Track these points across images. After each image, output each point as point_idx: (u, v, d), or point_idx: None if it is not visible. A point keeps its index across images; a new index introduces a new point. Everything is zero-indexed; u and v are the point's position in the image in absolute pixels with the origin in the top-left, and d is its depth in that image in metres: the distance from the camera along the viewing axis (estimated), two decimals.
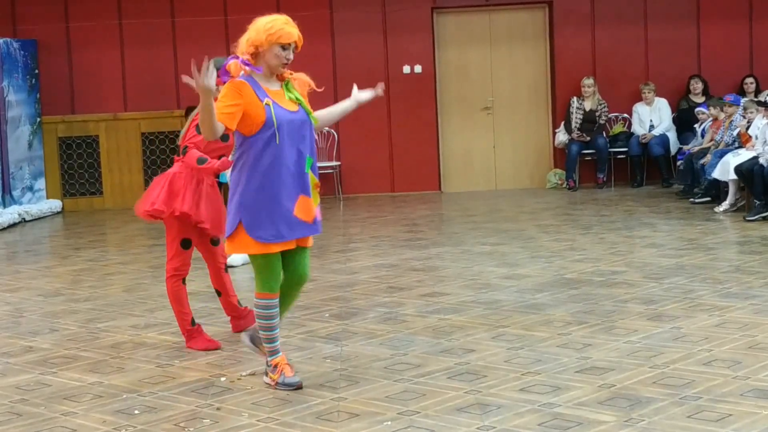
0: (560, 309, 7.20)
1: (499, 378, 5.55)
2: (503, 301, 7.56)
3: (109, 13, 15.44)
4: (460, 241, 10.70)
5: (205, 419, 5.08)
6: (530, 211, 13.00)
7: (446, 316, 7.15)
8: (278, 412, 5.14)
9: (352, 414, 5.06)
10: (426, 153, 15.64)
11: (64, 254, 10.62)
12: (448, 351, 6.19)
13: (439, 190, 15.69)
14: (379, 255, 9.95)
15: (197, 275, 9.27)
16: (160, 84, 15.26)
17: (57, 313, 7.86)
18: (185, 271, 6.58)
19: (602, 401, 5.06)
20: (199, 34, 15.27)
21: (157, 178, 6.60)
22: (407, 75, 15.57)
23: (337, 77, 15.52)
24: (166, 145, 15.06)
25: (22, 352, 6.69)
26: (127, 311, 7.64)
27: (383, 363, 5.98)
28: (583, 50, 15.60)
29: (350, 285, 8.48)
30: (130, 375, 6.00)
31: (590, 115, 15.16)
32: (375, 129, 15.57)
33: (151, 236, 11.82)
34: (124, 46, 15.25)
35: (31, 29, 15.19)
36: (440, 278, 8.60)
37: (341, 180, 15.54)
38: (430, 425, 4.83)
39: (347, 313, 7.39)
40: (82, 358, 6.44)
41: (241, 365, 6.09)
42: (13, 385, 5.88)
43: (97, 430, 4.99)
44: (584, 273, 8.52)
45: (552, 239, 10.45)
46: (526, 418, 4.86)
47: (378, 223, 12.47)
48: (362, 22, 15.49)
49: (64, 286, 8.85)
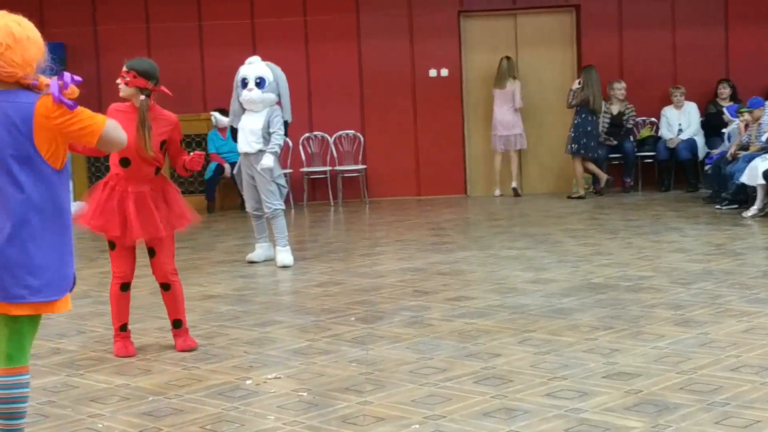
0: (587, 314, 7.17)
1: (525, 383, 5.53)
2: (529, 305, 7.54)
3: (137, 17, 15.53)
4: (487, 245, 10.68)
5: (230, 422, 5.09)
6: (556, 215, 12.96)
7: (472, 320, 7.13)
8: (304, 415, 5.14)
9: (377, 418, 5.05)
10: (452, 157, 15.64)
11: (91, 256, 10.66)
12: (474, 355, 6.17)
13: (465, 193, 15.67)
14: (404, 258, 9.94)
15: (223, 278, 9.31)
16: (186, 87, 15.32)
17: (84, 315, 7.89)
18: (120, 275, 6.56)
19: (629, 407, 5.03)
20: (225, 37, 15.34)
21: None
22: (433, 78, 15.57)
23: (363, 81, 15.54)
24: (192, 148, 15.09)
25: (50, 354, 6.71)
26: (154, 314, 7.66)
27: (409, 367, 5.97)
28: (611, 54, 15.56)
29: (376, 288, 8.48)
30: (156, 377, 6.01)
31: (617, 119, 15.11)
32: (401, 132, 15.58)
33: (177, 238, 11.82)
34: (152, 50, 15.31)
35: (59, 33, 15.27)
36: (466, 282, 8.58)
37: (367, 183, 15.55)
38: (455, 430, 4.81)
39: (373, 317, 7.38)
40: (109, 360, 6.46)
41: (267, 368, 6.10)
42: (41, 386, 5.90)
43: None
44: (611, 278, 8.49)
45: (578, 244, 10.42)
46: (552, 423, 4.84)
47: (404, 227, 12.46)
48: (389, 25, 15.50)
49: (92, 288, 8.89)
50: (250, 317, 7.57)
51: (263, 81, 9.57)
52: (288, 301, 8.20)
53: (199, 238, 12.07)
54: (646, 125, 15.58)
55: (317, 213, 14.52)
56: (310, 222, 13.72)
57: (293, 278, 9.19)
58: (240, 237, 11.88)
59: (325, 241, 11.67)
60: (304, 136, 15.44)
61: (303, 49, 15.60)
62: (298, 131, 15.14)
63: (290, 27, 15.55)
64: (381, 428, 4.89)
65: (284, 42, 15.44)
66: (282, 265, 9.67)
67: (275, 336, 6.94)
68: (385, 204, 15.04)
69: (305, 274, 9.37)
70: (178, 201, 6.67)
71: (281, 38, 15.46)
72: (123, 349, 6.54)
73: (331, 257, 10.29)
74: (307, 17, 15.59)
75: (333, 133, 15.57)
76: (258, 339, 6.86)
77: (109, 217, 6.42)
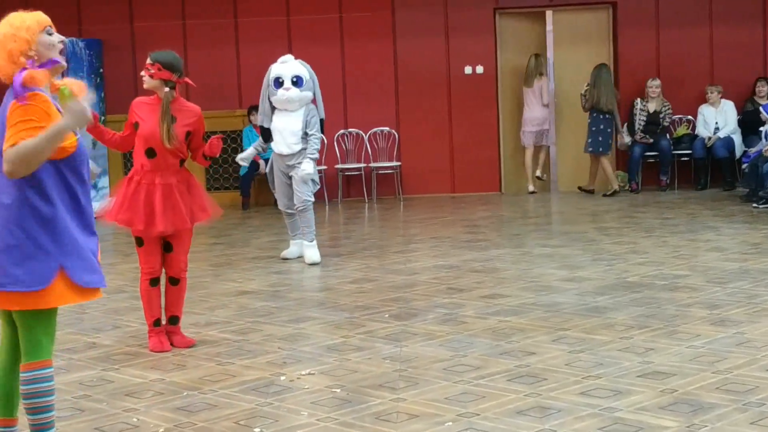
0: (622, 312, 7.14)
1: (560, 381, 5.51)
2: (564, 303, 7.51)
3: (173, 14, 15.59)
4: (521, 242, 10.66)
5: (264, 418, 5.10)
6: (591, 213, 12.91)
7: (506, 318, 7.11)
8: (337, 411, 5.15)
9: (411, 415, 5.05)
10: (487, 153, 15.60)
11: (127, 252, 10.71)
12: (508, 353, 6.16)
13: (499, 191, 15.63)
14: (438, 256, 9.94)
15: (257, 274, 9.33)
16: (222, 84, 15.37)
17: (119, 310, 7.94)
18: (149, 271, 6.61)
19: (664, 406, 5.00)
20: (261, 34, 15.38)
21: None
22: (469, 76, 15.54)
23: (399, 77, 15.53)
24: (227, 144, 15.15)
25: (85, 348, 6.76)
26: (188, 309, 7.68)
27: (443, 364, 5.97)
28: (648, 51, 15.48)
29: (410, 286, 8.47)
30: (190, 372, 6.04)
31: (654, 117, 15.02)
32: (436, 129, 15.56)
33: (212, 234, 11.91)
34: (187, 47, 15.37)
35: (96, 29, 15.38)
36: (500, 280, 8.56)
37: (401, 180, 15.54)
38: (489, 428, 4.80)
39: (407, 314, 7.38)
40: (143, 355, 6.50)
41: (301, 364, 6.11)
42: (76, 380, 5.94)
43: (158, 426, 5.03)
44: (646, 276, 8.44)
45: (613, 242, 10.37)
46: (586, 422, 4.82)
47: (438, 224, 12.45)
48: (424, 22, 15.48)
49: (127, 284, 8.93)
50: (284, 313, 7.59)
51: (300, 79, 9.55)
52: (322, 298, 8.21)
53: (233, 235, 12.11)
54: (682, 123, 15.48)
55: (352, 210, 14.53)
56: (344, 218, 13.74)
57: (327, 275, 9.20)
58: (274, 233, 11.91)
59: (360, 237, 11.68)
60: (339, 133, 15.46)
61: (338, 47, 15.61)
62: (333, 128, 15.16)
63: (326, 24, 15.56)
64: (414, 425, 4.89)
65: (320, 39, 15.46)
66: (311, 263, 9.66)
67: (309, 332, 6.95)
68: (420, 201, 15.03)
69: (339, 270, 9.38)
70: (201, 194, 6.75)
71: (317, 35, 15.48)
72: (158, 345, 6.58)
73: (365, 254, 10.29)
74: (342, 14, 15.60)
75: (368, 130, 15.58)
76: (292, 335, 6.88)
77: (135, 211, 6.47)
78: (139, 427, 5.04)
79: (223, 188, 15.35)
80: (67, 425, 5.10)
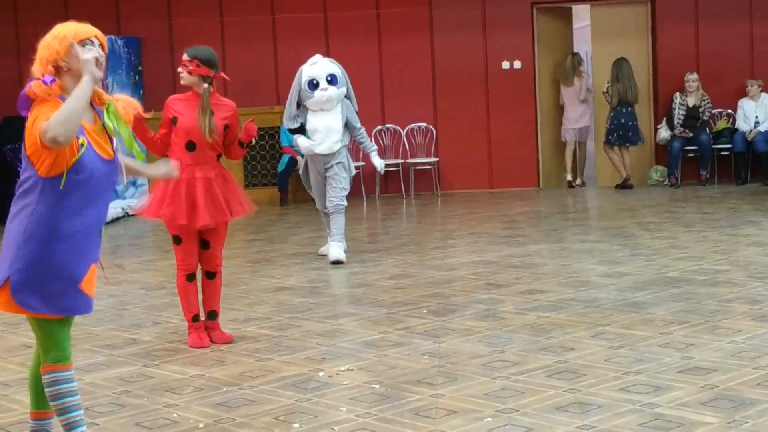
0: (661, 308, 7.09)
1: (599, 377, 5.49)
2: (603, 299, 7.48)
3: (211, 11, 15.65)
4: (559, 237, 10.62)
5: (303, 413, 5.11)
6: (630, 208, 12.84)
7: (545, 313, 7.09)
8: (376, 407, 5.15)
9: (450, 411, 5.04)
10: (524, 148, 15.56)
11: (166, 248, 10.76)
12: (547, 349, 6.14)
13: (537, 186, 15.58)
14: (477, 251, 9.92)
15: (295, 270, 9.35)
16: (259, 80, 15.42)
17: (159, 306, 7.98)
18: (186, 267, 6.65)
19: (705, 402, 4.97)
20: (298, 31, 15.40)
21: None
22: (506, 71, 15.49)
23: (436, 73, 15.51)
24: (265, 141, 15.19)
25: (126, 344, 6.80)
26: (227, 305, 7.71)
27: (481, 360, 5.96)
28: (687, 45, 15.37)
29: (448, 281, 8.46)
30: (230, 368, 6.06)
31: (693, 111, 14.92)
32: (473, 125, 15.53)
33: (250, 231, 11.95)
34: (225, 43, 15.43)
35: (135, 27, 15.46)
36: (539, 275, 8.54)
37: (439, 176, 15.52)
38: (528, 423, 4.79)
39: (445, 310, 7.38)
40: (183, 351, 6.53)
41: (340, 360, 6.12)
42: (117, 376, 5.98)
43: (198, 422, 5.05)
44: (686, 271, 8.39)
45: (653, 237, 10.31)
46: (626, 418, 4.79)
47: (476, 220, 12.43)
48: (461, 18, 15.45)
49: (166, 280, 8.98)
50: (323, 309, 7.60)
51: (335, 77, 9.52)
52: (360, 294, 8.22)
53: (271, 231, 12.15)
54: (722, 117, 15.36)
55: (389, 206, 14.53)
56: (382, 215, 13.74)
57: (365, 271, 9.21)
58: (312, 230, 11.93)
59: (398, 233, 11.68)
60: (376, 129, 15.46)
61: (376, 43, 15.61)
62: (371, 124, 15.16)
63: (363, 20, 15.57)
64: (453, 421, 4.89)
65: (357, 35, 15.47)
66: (334, 260, 9.51)
67: (347, 328, 6.96)
68: (458, 196, 15.01)
69: (377, 266, 9.38)
70: (237, 188, 6.81)
71: (354, 31, 15.49)
72: (197, 341, 6.61)
73: (403, 250, 10.29)
74: (379, 10, 15.60)
75: (405, 126, 15.57)
76: (330, 331, 6.89)
77: (178, 206, 6.50)
78: (179, 422, 5.07)
79: (261, 185, 15.39)
80: (107, 421, 5.14)
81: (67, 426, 4.27)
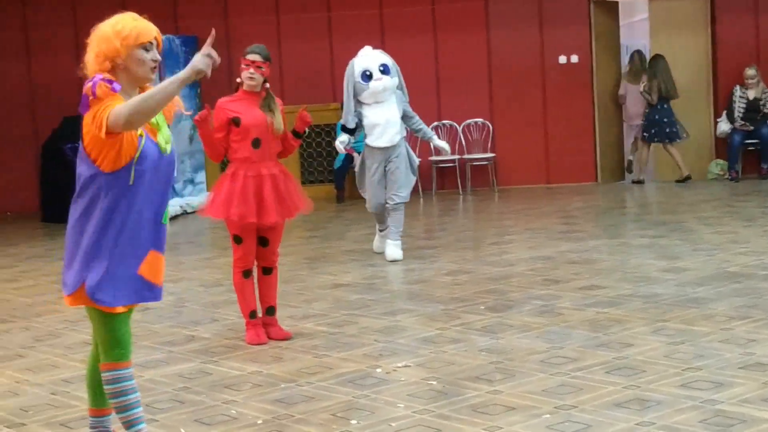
0: (722, 303, 7.01)
1: (659, 373, 5.43)
2: (663, 294, 7.41)
3: (267, 9, 15.72)
4: (618, 233, 10.54)
5: (361, 410, 5.12)
6: (690, 202, 12.71)
7: (604, 309, 7.04)
8: (434, 404, 5.14)
9: (508, 407, 5.02)
10: (582, 143, 15.45)
11: (224, 245, 10.83)
12: (606, 345, 6.09)
13: (596, 181, 15.47)
14: (534, 247, 9.87)
15: (352, 267, 9.37)
16: (315, 77, 15.46)
17: (218, 304, 8.03)
18: (243, 264, 6.68)
19: (767, 398, 4.91)
20: (354, 27, 15.41)
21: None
22: (563, 65, 15.40)
23: (492, 68, 15.46)
24: (322, 138, 15.23)
25: (185, 341, 6.85)
26: (285, 302, 7.74)
27: (539, 356, 5.93)
28: (747, 38, 15.17)
29: (505, 277, 8.43)
30: (287, 365, 6.08)
31: (754, 104, 14.74)
32: (530, 120, 15.45)
33: (307, 228, 11.99)
34: (281, 41, 15.49)
35: (192, 25, 15.56)
36: (597, 271, 8.47)
37: (496, 172, 15.47)
38: (587, 420, 4.76)
39: (503, 306, 7.35)
40: (241, 348, 6.57)
41: (397, 356, 6.12)
42: (176, 373, 6.03)
43: (256, 418, 5.08)
44: (747, 266, 8.28)
45: (713, 231, 10.19)
46: (686, 414, 4.75)
47: (533, 215, 12.37)
48: (518, 12, 15.38)
49: (225, 277, 9.02)
50: (380, 306, 7.61)
51: (387, 67, 9.49)
52: (417, 290, 8.21)
53: (328, 228, 12.18)
54: None
55: (446, 202, 14.51)
56: (438, 211, 13.72)
57: (422, 267, 9.19)
58: (369, 227, 11.93)
59: (454, 229, 11.66)
60: (432, 125, 15.42)
61: (431, 38, 15.58)
62: (427, 120, 15.06)
63: (418, 16, 15.55)
64: (511, 417, 4.86)
65: (412, 31, 15.46)
66: (392, 260, 9.52)
67: (405, 324, 6.96)
68: (514, 192, 14.95)
69: (434, 263, 9.37)
70: (297, 185, 6.91)
71: (409, 27, 15.47)
72: (255, 337, 6.64)
73: (460, 246, 10.27)
74: (435, 6, 15.57)
75: (461, 122, 15.53)
76: (387, 327, 6.89)
77: (248, 205, 6.55)
78: (237, 419, 5.10)
79: (318, 181, 15.44)
80: (167, 417, 5.18)
81: (127, 423, 4.30)
